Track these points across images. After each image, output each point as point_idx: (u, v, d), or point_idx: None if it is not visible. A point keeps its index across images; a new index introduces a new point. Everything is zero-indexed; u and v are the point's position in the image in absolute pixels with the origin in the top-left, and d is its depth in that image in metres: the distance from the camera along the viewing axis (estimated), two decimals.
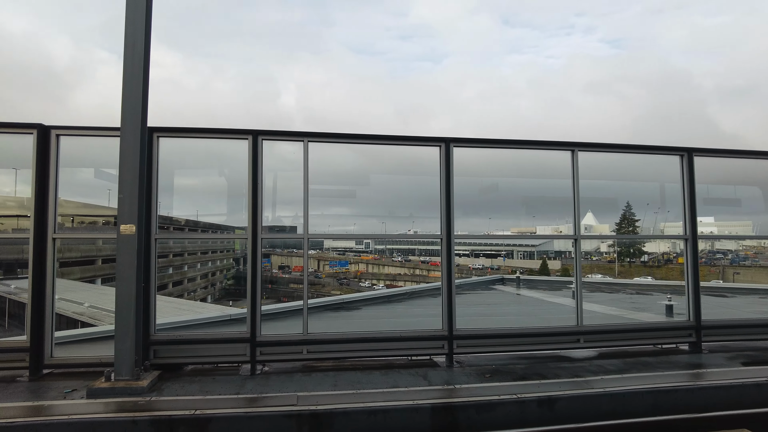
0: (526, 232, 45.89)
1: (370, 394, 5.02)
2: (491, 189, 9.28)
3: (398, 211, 24.51)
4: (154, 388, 5.18)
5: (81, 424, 4.31)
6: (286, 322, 9.42)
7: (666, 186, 8.96)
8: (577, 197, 6.95)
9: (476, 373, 5.88)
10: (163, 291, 40.09)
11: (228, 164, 8.01)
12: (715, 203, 9.78)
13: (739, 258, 52.85)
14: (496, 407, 4.88)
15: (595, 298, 15.24)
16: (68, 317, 19.72)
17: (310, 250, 31.57)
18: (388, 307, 13.26)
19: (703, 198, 9.04)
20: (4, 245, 23.80)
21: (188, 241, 51.25)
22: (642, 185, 9.75)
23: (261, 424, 4.54)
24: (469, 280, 21.17)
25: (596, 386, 5.32)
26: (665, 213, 9.44)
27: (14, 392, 5.09)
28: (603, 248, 62.70)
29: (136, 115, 5.53)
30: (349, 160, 9.11)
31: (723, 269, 50.63)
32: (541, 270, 52.93)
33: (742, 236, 43.23)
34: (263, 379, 5.59)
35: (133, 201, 5.45)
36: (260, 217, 6.16)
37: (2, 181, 8.01)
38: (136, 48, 5.57)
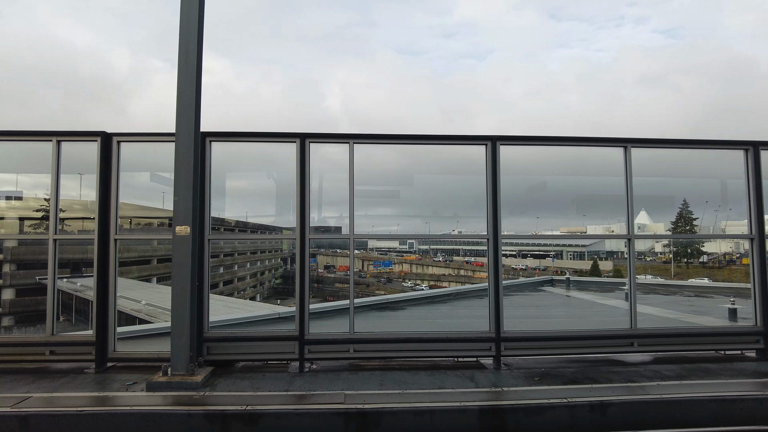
0: (576, 232, 44.48)
1: (416, 395, 5.02)
2: (539, 188, 9.06)
3: (443, 211, 24.35)
4: (208, 384, 5.38)
5: (141, 415, 4.54)
6: (333, 321, 9.54)
7: (728, 182, 8.47)
8: (630, 195, 6.69)
9: (524, 375, 5.76)
10: (214, 290, 41.45)
11: (276, 167, 8.21)
12: None
13: None
14: (545, 411, 4.77)
15: (650, 301, 14.61)
16: (127, 314, 20.82)
17: (356, 250, 32.02)
18: (433, 307, 13.21)
19: None
20: (71, 245, 25.35)
21: (238, 241, 52.87)
22: (700, 182, 9.25)
23: (310, 421, 4.62)
24: (516, 282, 20.78)
25: (652, 392, 5.10)
26: (727, 211, 8.95)
27: (83, 383, 5.43)
28: (658, 248, 59.91)
29: (189, 122, 5.76)
30: (392, 161, 9.14)
31: None
32: (592, 271, 51.21)
33: None
34: (311, 377, 5.70)
35: (187, 203, 5.68)
36: (308, 218, 6.28)
37: (68, 186, 8.52)
38: (189, 57, 5.81)
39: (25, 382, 5.43)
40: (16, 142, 6.46)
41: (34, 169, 8.79)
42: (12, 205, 28.23)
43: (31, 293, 34.16)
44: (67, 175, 8.20)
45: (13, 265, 36.15)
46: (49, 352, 6.06)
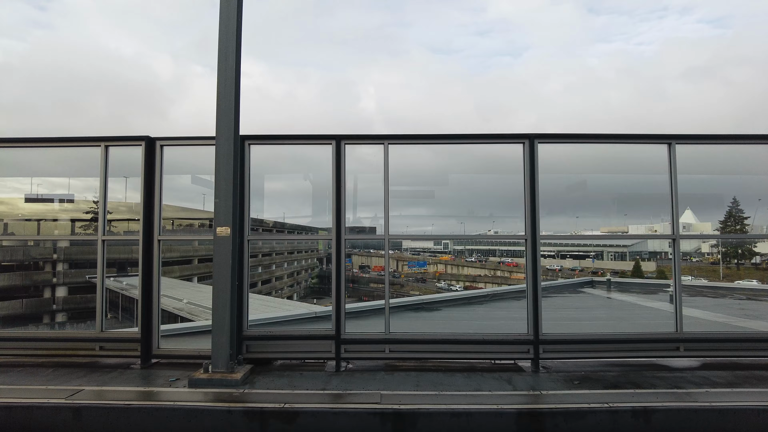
0: (617, 232, 43.15)
1: (453, 396, 4.99)
2: (579, 186, 8.83)
3: (478, 211, 24.02)
4: (247, 381, 5.50)
5: (184, 411, 4.69)
6: (368, 321, 9.60)
7: None
8: (675, 194, 6.44)
9: (564, 379, 5.63)
10: (252, 289, 42.46)
11: (312, 168, 8.32)
12: None
13: None
14: (586, 415, 4.65)
15: (697, 303, 14.03)
16: (169, 312, 21.54)
17: (390, 251, 31.68)
18: (469, 308, 13.09)
19: None
20: (117, 246, 26.38)
21: (275, 241, 53.89)
22: (752, 179, 8.81)
23: (346, 420, 4.66)
24: (555, 283, 20.33)
25: (700, 399, 4.89)
26: None
27: (129, 378, 5.65)
28: (704, 249, 57.39)
29: (229, 125, 5.91)
30: (428, 161, 9.11)
31: None
32: (634, 272, 49.57)
33: None
34: (348, 376, 5.74)
35: (227, 205, 5.82)
36: (343, 218, 6.33)
37: (114, 189, 8.88)
38: (228, 62, 5.96)
39: (78, 376, 5.70)
40: (67, 148, 6.77)
41: (84, 173, 9.20)
42: (65, 207, 29.70)
43: (81, 291, 35.86)
44: (114, 178, 8.56)
45: (65, 264, 38.03)
46: (99, 348, 6.35)
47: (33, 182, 15.04)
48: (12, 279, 36.13)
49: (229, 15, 5.98)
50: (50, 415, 4.74)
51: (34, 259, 37.20)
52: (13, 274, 36.50)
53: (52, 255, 37.11)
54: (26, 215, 25.40)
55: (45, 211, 27.21)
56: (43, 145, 6.76)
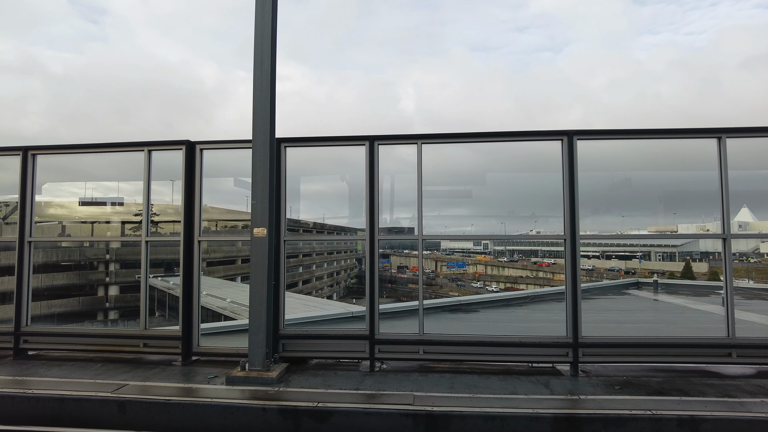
0: (666, 231, 41.32)
1: (487, 399, 4.90)
2: (623, 184, 8.51)
3: (519, 211, 23.61)
4: (282, 380, 5.59)
5: (221, 407, 4.81)
6: (405, 322, 9.55)
7: None
8: (725, 190, 6.10)
9: (604, 384, 5.43)
10: (293, 288, 43.26)
11: (349, 169, 8.38)
12: None
13: None
14: (626, 422, 4.46)
15: (754, 307, 13.24)
16: (213, 311, 22.18)
17: (427, 251, 32.36)
18: (508, 310, 12.84)
19: None
20: (164, 246, 27.37)
21: (315, 242, 54.67)
22: None
23: (378, 420, 4.65)
24: (599, 284, 19.68)
25: (755, 410, 4.61)
26: None
27: (171, 374, 5.85)
28: (764, 249, 54.19)
29: (265, 128, 6.02)
30: (467, 160, 8.99)
31: None
32: (684, 273, 47.37)
33: None
34: (381, 377, 5.74)
35: (264, 206, 5.94)
36: (377, 219, 6.34)
37: (162, 192, 9.23)
38: (263, 66, 6.07)
39: (123, 371, 5.95)
40: (117, 153, 7.07)
41: (134, 177, 9.61)
42: (116, 210, 31.12)
43: (131, 290, 37.49)
44: (162, 182, 8.87)
45: (117, 264, 39.86)
46: (143, 345, 6.61)
47: (88, 186, 15.84)
48: (69, 278, 38.19)
49: (264, 20, 6.10)
50: (98, 407, 4.97)
51: (89, 259, 39.21)
52: (71, 273, 38.59)
53: (105, 255, 38.98)
54: (82, 218, 26.78)
55: (98, 213, 28.60)
56: (92, 151, 7.09)
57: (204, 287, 24.08)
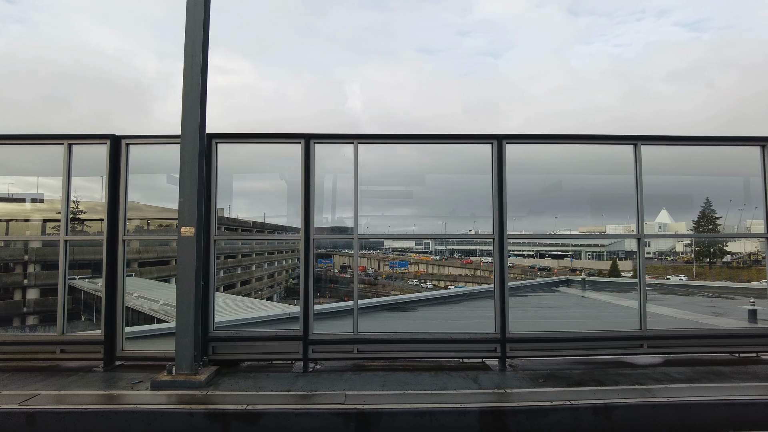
0: (596, 232, 43.84)
1: (418, 396, 4.99)
2: (555, 187, 8.96)
3: (460, 211, 24.16)
4: (211, 383, 5.43)
5: (144, 414, 4.60)
6: (343, 321, 9.56)
7: (751, 180, 8.28)
8: (640, 194, 6.55)
9: (529, 377, 5.68)
10: (231, 290, 42.05)
11: (288, 167, 8.28)
12: None
13: None
14: (548, 413, 4.69)
15: (668, 302, 14.31)
16: (145, 314, 21.17)
17: (370, 251, 32.55)
18: (445, 308, 13.13)
19: None
20: (92, 246, 25.79)
21: (256, 241, 53.41)
22: (723, 180, 9.03)
23: (309, 421, 4.63)
24: (531, 282, 20.54)
25: (660, 395, 4.98)
26: (752, 210, 8.71)
27: (90, 381, 5.53)
28: (679, 248, 58.66)
29: (194, 123, 5.82)
30: (413, 161, 9.09)
31: None
32: (611, 271, 50.38)
33: None
34: (314, 377, 5.71)
35: (192, 204, 5.74)
36: (312, 218, 6.29)
37: (92, 188, 8.70)
38: (194, 59, 5.87)
39: (35, 380, 5.55)
40: (38, 146, 6.59)
41: (60, 172, 9.04)
42: (38, 207, 28.95)
43: (54, 293, 35.01)
44: (92, 178, 8.34)
45: (37, 265, 37.09)
46: (60, 351, 6.20)
47: (5, 181, 14.64)
48: None
49: (196, 10, 5.90)
50: (1, 421, 4.60)
51: (4, 260, 36.23)
52: None
53: (23, 256, 36.16)
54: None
55: (16, 210, 26.53)
56: (6, 143, 6.56)
57: (135, 289, 23.03)
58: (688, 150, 7.02)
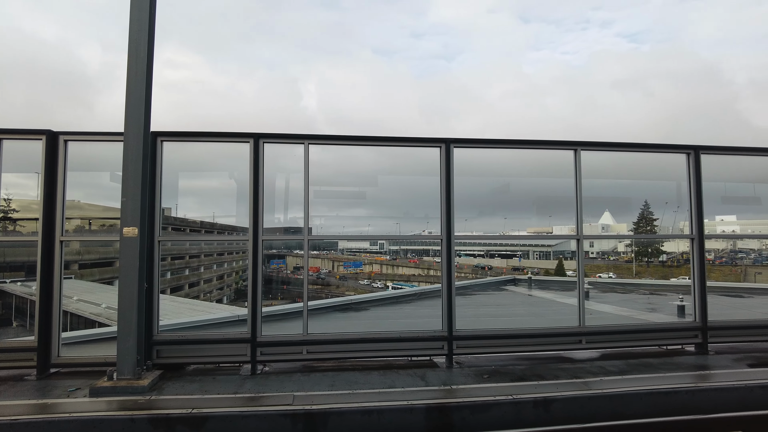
0: (543, 232, 45.51)
1: (366, 394, 5.06)
2: (502, 189, 9.25)
3: (414, 212, 24.42)
4: (155, 387, 5.29)
5: (81, 422, 4.43)
6: (295, 323, 9.50)
7: (682, 185, 8.88)
8: (579, 197, 6.90)
9: (475, 374, 5.87)
10: (179, 292, 40.68)
11: (238, 166, 8.16)
12: (734, 202, 9.64)
13: (762, 257, 51.66)
14: (491, 408, 4.87)
15: (608, 299, 15.06)
16: (86, 318, 20.17)
17: (324, 251, 32.51)
18: (397, 307, 13.28)
19: (722, 196, 8.91)
20: (27, 247, 24.31)
21: (205, 242, 51.97)
22: (660, 184, 9.63)
23: (256, 422, 4.60)
24: (480, 281, 21.07)
25: (594, 387, 5.28)
26: (685, 212, 9.33)
27: (21, 390, 5.24)
28: (620, 248, 61.79)
29: (138, 120, 5.65)
30: (366, 162, 9.12)
31: (745, 269, 49.56)
32: (557, 270, 52.38)
33: (751, 236, 42.09)
34: (263, 379, 5.66)
35: (135, 204, 5.57)
36: (261, 218, 6.23)
37: (29, 186, 8.23)
38: (139, 54, 5.69)
39: None
40: None
41: None
42: None
43: None
44: (25, 174, 7.88)
45: None
46: None
47: None
48: None
49: (141, 3, 5.72)
50: None
51: None
52: None
53: None
54: None
55: None
56: None
57: (75, 292, 21.94)
58: (628, 155, 7.45)
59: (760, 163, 8.05)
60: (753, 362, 6.33)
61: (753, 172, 8.74)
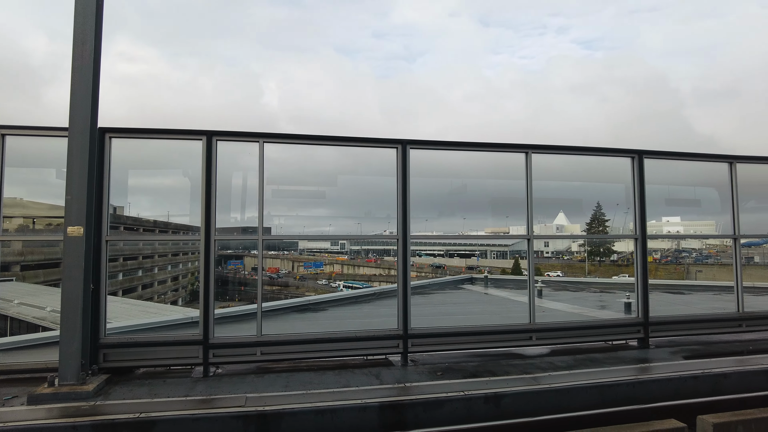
0: (500, 232, 46.55)
1: (320, 394, 5.05)
2: (460, 190, 9.42)
3: (376, 212, 24.49)
4: (101, 393, 5.10)
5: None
6: (252, 325, 9.36)
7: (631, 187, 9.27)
8: (530, 198, 7.11)
9: (429, 371, 5.96)
10: (131, 294, 39.21)
11: (192, 163, 7.97)
12: (677, 204, 10.17)
13: (703, 257, 54.73)
14: (443, 404, 4.97)
15: (560, 297, 15.56)
16: (29, 322, 19.14)
17: (284, 252, 32.00)
18: (356, 307, 13.29)
19: (666, 199, 9.38)
20: None
21: (159, 242, 50.32)
22: (612, 186, 10.02)
23: (207, 425, 4.52)
24: (438, 280, 21.34)
25: (543, 382, 5.47)
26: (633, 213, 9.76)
27: None
28: (574, 247, 64.02)
29: (85, 115, 5.43)
30: (328, 161, 9.05)
31: (687, 267, 52.32)
32: (514, 269, 53.70)
33: (690, 235, 44.39)
34: (215, 381, 5.57)
35: (81, 202, 5.36)
36: (214, 217, 6.12)
37: None
38: (85, 47, 5.47)
39: None
40: None
41: None
42: None
43: None
44: None
45: None
46: None
47: None
48: None
49: None
50: None
51: None
52: None
53: None
54: None
55: None
56: None
57: (16, 295, 20.85)
58: (581, 158, 7.74)
59: (700, 167, 8.55)
60: (688, 354, 6.73)
61: (694, 176, 9.28)
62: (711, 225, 19.25)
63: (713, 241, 46.51)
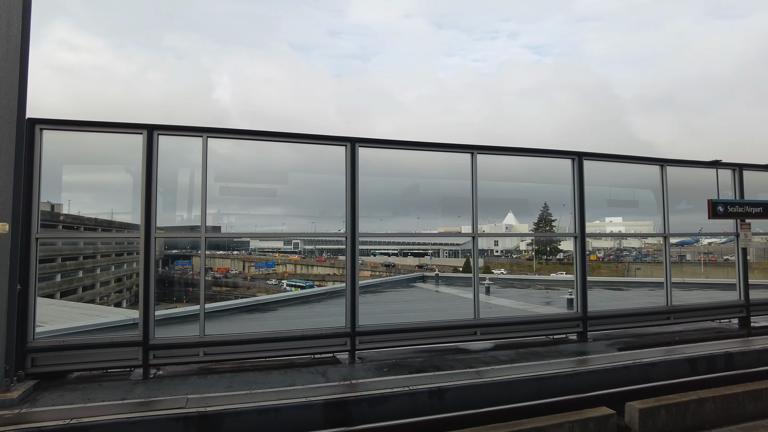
0: (453, 231, 47.38)
1: (264, 394, 4.99)
2: (412, 189, 9.49)
3: (332, 211, 24.32)
4: (27, 399, 4.83)
5: None
6: (197, 326, 9.11)
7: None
8: (475, 198, 7.29)
9: (375, 368, 6.00)
10: (71, 296, 37.22)
11: (135, 159, 7.67)
12: (618, 205, 10.68)
13: (641, 255, 57.80)
14: (388, 400, 5.02)
15: (507, 294, 16.03)
16: None
17: (235, 251, 31.35)
18: (306, 307, 13.17)
19: (607, 200, 9.83)
20: None
21: (101, 242, 48.00)
22: (559, 187, 10.37)
23: (146, 428, 4.37)
24: (390, 279, 21.50)
25: (486, 376, 5.62)
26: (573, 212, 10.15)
27: None
28: (522, 246, 66.04)
29: (11, 105, 5.12)
30: (283, 159, 8.88)
31: (627, 265, 55.08)
32: (465, 268, 54.79)
33: (628, 234, 46.89)
34: (155, 383, 5.39)
35: (6, 198, 5.04)
36: (154, 215, 5.91)
37: None
38: (11, 31, 5.16)
39: None
40: None
41: None
42: None
43: None
44: None
45: None
46: None
47: None
48: None
49: None
50: None
51: None
52: None
53: None
54: None
55: None
56: None
57: None
58: (530, 160, 7.99)
59: (638, 170, 9.02)
60: (622, 346, 7.11)
61: (634, 179, 9.79)
62: (649, 225, 20.36)
63: (652, 240, 49.13)
